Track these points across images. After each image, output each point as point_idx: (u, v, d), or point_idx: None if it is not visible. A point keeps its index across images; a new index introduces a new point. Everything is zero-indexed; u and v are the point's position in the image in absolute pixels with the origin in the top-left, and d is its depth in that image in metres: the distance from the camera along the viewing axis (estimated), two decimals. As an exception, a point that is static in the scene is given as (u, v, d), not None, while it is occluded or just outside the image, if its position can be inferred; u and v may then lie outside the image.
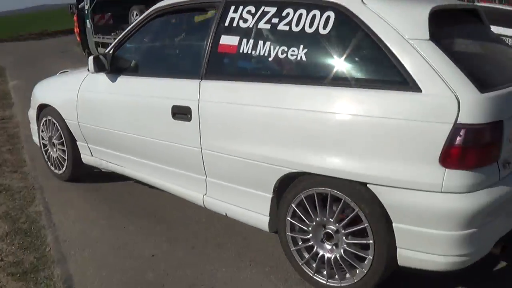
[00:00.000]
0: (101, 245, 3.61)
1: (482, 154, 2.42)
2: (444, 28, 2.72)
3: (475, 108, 2.32)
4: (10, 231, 3.90)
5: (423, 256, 2.54)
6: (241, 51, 3.07)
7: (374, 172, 2.51)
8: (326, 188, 2.72)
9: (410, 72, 2.45)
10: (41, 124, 4.92)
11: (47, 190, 4.73)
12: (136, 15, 11.70)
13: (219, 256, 3.40)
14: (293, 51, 2.83)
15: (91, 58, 3.87)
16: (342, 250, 2.77)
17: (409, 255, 2.58)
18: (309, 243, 2.91)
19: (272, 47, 2.93)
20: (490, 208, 2.44)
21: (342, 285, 2.82)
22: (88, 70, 4.03)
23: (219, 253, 3.43)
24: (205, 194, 3.43)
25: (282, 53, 2.88)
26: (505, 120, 2.43)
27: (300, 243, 2.96)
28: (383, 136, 2.48)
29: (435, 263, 2.54)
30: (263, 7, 3.03)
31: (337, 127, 2.62)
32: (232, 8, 3.18)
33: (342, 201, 2.67)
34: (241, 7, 3.14)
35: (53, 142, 4.83)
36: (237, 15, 3.14)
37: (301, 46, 2.81)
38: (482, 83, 2.40)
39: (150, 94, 3.61)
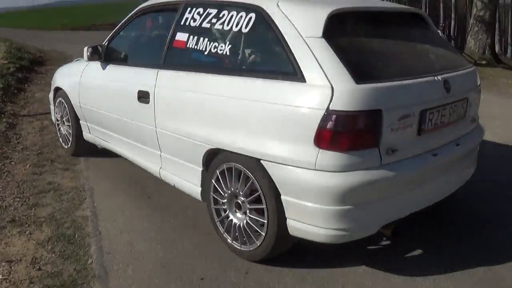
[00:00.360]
0: (147, 261, 3.42)
1: (355, 139, 2.84)
2: (346, 27, 3.23)
3: (348, 97, 2.77)
4: (53, 236, 3.79)
5: (307, 228, 2.99)
6: (187, 46, 3.74)
7: (264, 150, 3.04)
8: (231, 163, 3.30)
9: (300, 65, 2.96)
10: (55, 104, 5.88)
11: (98, 193, 4.63)
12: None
13: (276, 283, 3.14)
14: (221, 46, 3.46)
15: (85, 48, 4.82)
16: (247, 217, 3.32)
17: (296, 225, 3.04)
18: (227, 213, 3.49)
19: (208, 42, 3.57)
20: (365, 189, 2.86)
21: (251, 249, 3.34)
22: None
23: (277, 281, 3.17)
24: (161, 168, 4.13)
25: (214, 48, 3.52)
26: (384, 110, 2.85)
27: (222, 214, 3.53)
28: (273, 119, 3.02)
29: (318, 235, 2.98)
30: (208, 9, 3.70)
31: (239, 110, 3.21)
32: (188, 9, 3.88)
33: (242, 173, 3.24)
34: (194, 8, 3.83)
35: (63, 121, 5.77)
36: (190, 16, 3.82)
37: (227, 42, 3.44)
38: (361, 76, 2.84)
39: (125, 80, 4.37)
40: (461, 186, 3.71)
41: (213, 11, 3.63)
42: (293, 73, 2.97)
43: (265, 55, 3.30)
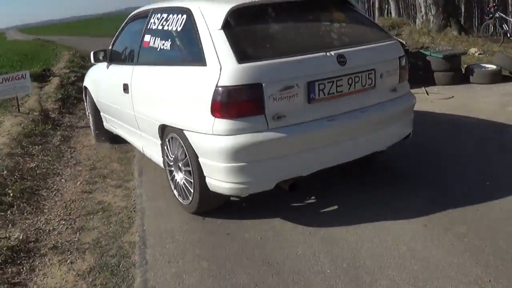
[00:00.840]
0: (196, 298, 3.07)
1: (240, 108, 3.53)
2: (245, 19, 3.85)
3: (231, 75, 3.49)
4: (96, 266, 3.56)
5: (216, 183, 3.72)
6: (150, 45, 4.67)
7: (184, 122, 3.89)
8: (172, 133, 4.12)
9: (204, 52, 3.72)
10: (85, 101, 7.09)
11: (149, 214, 4.36)
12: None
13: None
14: (165, 42, 4.38)
15: (92, 53, 5.77)
16: (184, 177, 4.13)
17: (211, 182, 3.77)
18: (173, 174, 4.34)
19: (159, 41, 4.49)
20: (254, 149, 3.53)
21: (187, 203, 4.17)
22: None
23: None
24: (143, 145, 5.03)
25: (162, 45, 4.43)
26: (264, 83, 3.49)
27: (172, 174, 4.38)
28: (186, 97, 3.92)
29: (225, 189, 3.71)
30: (163, 13, 4.61)
31: (169, 93, 4.20)
32: (153, 15, 4.81)
33: (178, 141, 4.05)
34: (156, 14, 4.75)
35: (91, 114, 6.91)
36: (153, 20, 4.77)
37: (169, 39, 4.36)
38: (244, 57, 3.55)
39: (118, 76, 5.28)
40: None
41: (165, 15, 4.54)
42: (200, 59, 3.75)
43: (188, 47, 4.15)
